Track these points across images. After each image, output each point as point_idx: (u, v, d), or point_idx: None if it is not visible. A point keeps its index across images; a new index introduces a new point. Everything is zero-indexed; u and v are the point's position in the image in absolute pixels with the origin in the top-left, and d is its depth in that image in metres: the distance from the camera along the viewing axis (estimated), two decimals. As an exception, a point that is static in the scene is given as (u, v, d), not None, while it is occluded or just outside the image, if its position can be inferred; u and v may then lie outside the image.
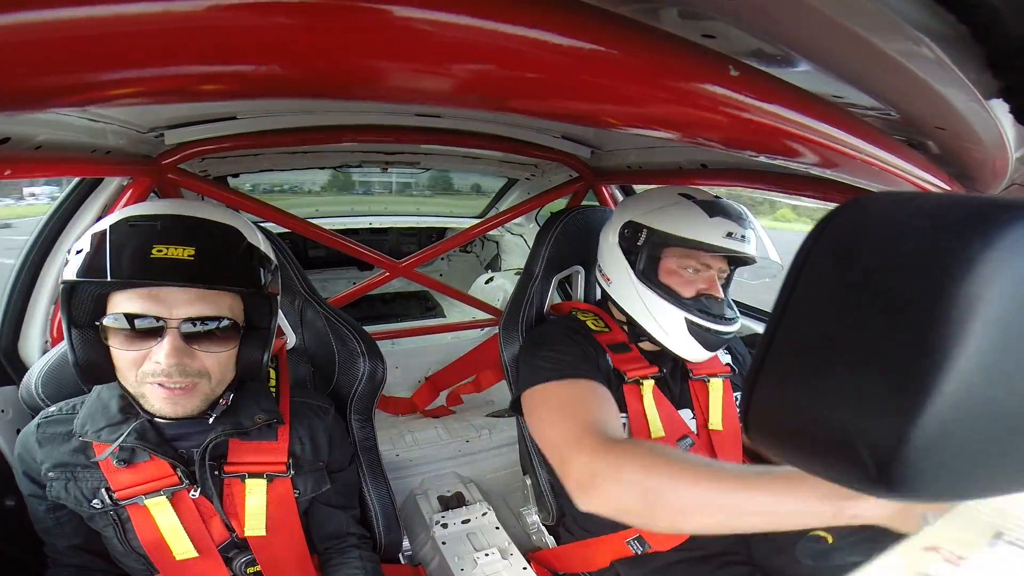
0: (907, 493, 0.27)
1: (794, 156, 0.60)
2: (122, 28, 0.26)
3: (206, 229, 0.82)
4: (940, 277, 0.26)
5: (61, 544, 0.97)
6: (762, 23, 0.42)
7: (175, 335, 0.81)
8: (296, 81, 0.32)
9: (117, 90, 0.29)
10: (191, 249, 0.77)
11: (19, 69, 0.26)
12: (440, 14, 0.30)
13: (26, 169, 0.95)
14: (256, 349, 0.91)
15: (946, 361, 0.25)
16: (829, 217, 0.33)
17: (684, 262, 1.17)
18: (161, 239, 0.77)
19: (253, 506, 0.97)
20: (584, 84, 0.39)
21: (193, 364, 0.83)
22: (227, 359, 0.88)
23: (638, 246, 1.19)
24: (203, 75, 0.30)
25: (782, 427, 0.34)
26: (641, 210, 1.20)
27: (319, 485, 1.05)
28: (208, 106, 1.32)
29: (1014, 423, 0.27)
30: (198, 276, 0.78)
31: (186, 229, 0.80)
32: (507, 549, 1.56)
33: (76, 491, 0.91)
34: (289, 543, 1.01)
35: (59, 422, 0.93)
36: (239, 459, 0.97)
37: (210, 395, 0.87)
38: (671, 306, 1.15)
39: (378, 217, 2.64)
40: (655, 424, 1.18)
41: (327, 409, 1.10)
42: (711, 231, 1.11)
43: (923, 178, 0.75)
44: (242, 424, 0.95)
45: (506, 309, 1.48)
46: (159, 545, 0.92)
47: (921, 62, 0.44)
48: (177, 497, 0.92)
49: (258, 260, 0.87)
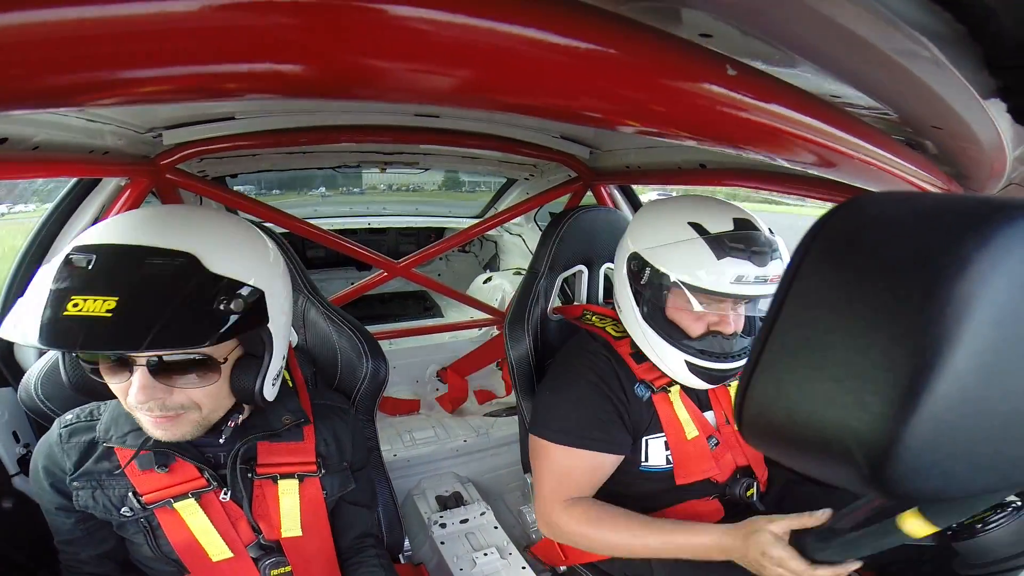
0: (900, 491, 0.27)
1: (792, 156, 0.60)
2: (120, 28, 0.26)
3: (147, 264, 0.68)
4: (935, 277, 0.26)
5: (86, 554, 0.95)
6: (759, 23, 0.43)
7: (142, 372, 0.74)
8: (295, 81, 0.32)
9: (115, 90, 0.29)
10: (112, 301, 0.64)
11: (18, 69, 0.26)
12: (438, 13, 0.30)
13: (23, 170, 0.95)
14: (248, 377, 0.82)
15: (940, 360, 0.25)
16: (826, 216, 0.33)
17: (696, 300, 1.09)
18: (82, 287, 0.66)
19: (288, 507, 0.96)
20: (582, 83, 0.39)
21: (172, 399, 0.77)
22: (215, 390, 0.81)
23: (642, 284, 1.15)
24: (202, 75, 0.30)
25: (776, 425, 0.34)
26: (647, 243, 1.14)
27: (345, 485, 1.05)
28: (206, 106, 1.32)
29: (1007, 422, 0.27)
30: (114, 340, 0.65)
31: (121, 266, 0.68)
32: (506, 548, 1.57)
33: (104, 499, 0.90)
34: (319, 543, 1.01)
35: (80, 430, 0.91)
36: (269, 460, 0.96)
37: (202, 422, 0.83)
38: (671, 348, 1.13)
39: (376, 217, 2.64)
40: (689, 427, 1.19)
41: (347, 410, 1.11)
42: (718, 276, 1.03)
43: (921, 177, 0.76)
44: (272, 426, 0.95)
45: (511, 307, 1.48)
46: (192, 548, 0.92)
47: (918, 61, 0.45)
48: (205, 500, 0.92)
49: (222, 294, 0.71)
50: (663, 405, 1.20)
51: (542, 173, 2.22)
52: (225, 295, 0.72)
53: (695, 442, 1.19)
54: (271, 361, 0.83)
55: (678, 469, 1.19)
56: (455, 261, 3.18)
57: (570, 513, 1.14)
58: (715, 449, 1.22)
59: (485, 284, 2.69)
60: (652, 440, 1.20)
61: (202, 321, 0.70)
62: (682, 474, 1.19)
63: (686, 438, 1.19)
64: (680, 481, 1.19)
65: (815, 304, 0.31)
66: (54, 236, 1.31)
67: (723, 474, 1.22)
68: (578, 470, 1.16)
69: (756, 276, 1.03)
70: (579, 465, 1.16)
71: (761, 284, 1.04)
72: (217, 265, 0.72)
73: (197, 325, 0.69)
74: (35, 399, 1.01)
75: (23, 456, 1.18)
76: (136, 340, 0.65)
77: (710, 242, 1.05)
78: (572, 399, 1.19)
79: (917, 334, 0.26)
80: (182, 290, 0.68)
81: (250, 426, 0.94)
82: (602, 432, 1.15)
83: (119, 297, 0.65)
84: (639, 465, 1.20)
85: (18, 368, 1.26)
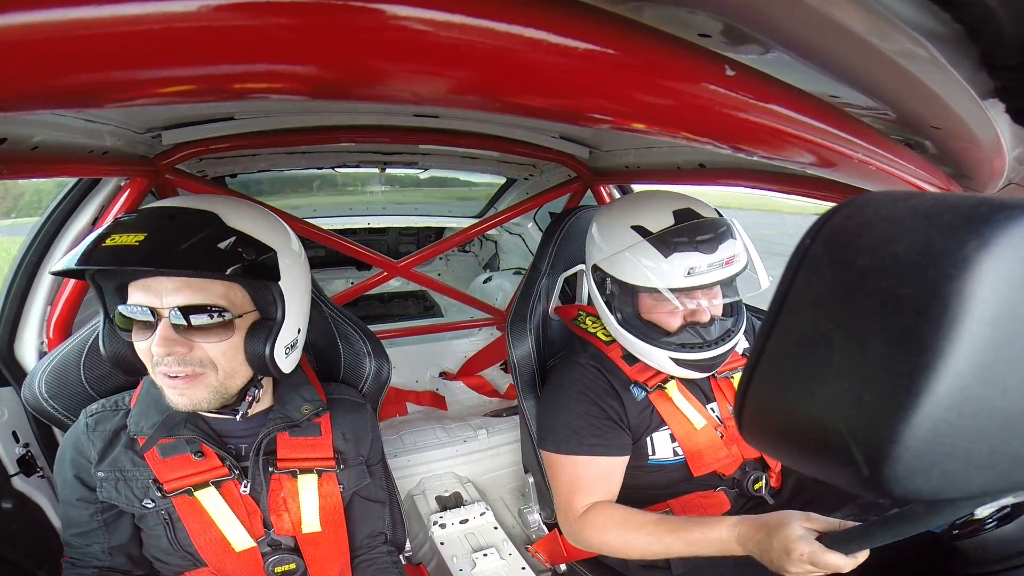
0: (899, 492, 0.27)
1: (791, 155, 0.60)
2: (121, 29, 0.26)
3: (175, 216, 0.82)
4: (935, 277, 0.26)
5: (99, 546, 0.95)
6: (758, 22, 0.43)
7: (165, 324, 0.80)
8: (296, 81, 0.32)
9: (116, 91, 0.30)
10: (141, 236, 0.76)
11: (18, 70, 0.26)
12: (437, 13, 0.30)
13: (23, 170, 0.94)
14: (259, 341, 0.87)
15: (939, 361, 0.25)
16: (826, 217, 0.33)
17: (661, 300, 1.10)
18: (121, 228, 0.78)
19: (308, 502, 0.97)
20: (581, 84, 0.39)
21: (192, 354, 0.82)
22: (230, 349, 0.85)
23: (608, 294, 1.18)
24: (202, 76, 0.30)
25: (776, 426, 0.34)
26: (602, 254, 1.16)
27: (360, 479, 1.06)
28: (206, 106, 1.31)
29: (1007, 422, 0.27)
30: (141, 260, 0.75)
31: (154, 217, 0.81)
32: (505, 549, 1.57)
33: (127, 491, 0.92)
34: (336, 540, 1.02)
35: (106, 419, 0.94)
36: (289, 455, 0.97)
37: (219, 388, 0.86)
38: (653, 348, 1.14)
39: (376, 217, 2.64)
40: (695, 418, 1.19)
41: (364, 405, 1.12)
42: (669, 273, 1.04)
43: (920, 177, 0.75)
44: (291, 417, 0.97)
45: (513, 306, 1.48)
46: (212, 537, 0.93)
47: (917, 62, 0.45)
48: (225, 489, 0.93)
49: (237, 243, 0.82)
50: (661, 402, 1.20)
51: (541, 173, 2.22)
52: (239, 241, 0.82)
53: (704, 432, 1.19)
54: (283, 322, 0.87)
55: (692, 461, 1.19)
56: (455, 261, 3.18)
57: (588, 522, 1.14)
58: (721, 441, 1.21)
59: (485, 284, 2.69)
60: (657, 435, 1.21)
61: (216, 255, 0.80)
62: (697, 465, 1.19)
63: (695, 429, 1.19)
64: (697, 473, 1.19)
65: (814, 304, 0.31)
66: (53, 236, 1.31)
67: (730, 467, 1.22)
68: (587, 476, 1.17)
69: (708, 264, 1.03)
70: (586, 472, 1.17)
71: (717, 269, 1.05)
72: (234, 222, 0.84)
73: (211, 257, 0.79)
74: (39, 399, 1.01)
75: (23, 456, 1.18)
76: (157, 259, 0.76)
77: (654, 242, 1.07)
78: (566, 412, 1.21)
79: (917, 334, 0.26)
80: (201, 231, 0.80)
81: (271, 417, 0.96)
82: (599, 438, 1.16)
83: (147, 234, 0.76)
84: (648, 459, 1.21)
85: (19, 368, 1.26)
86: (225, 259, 0.80)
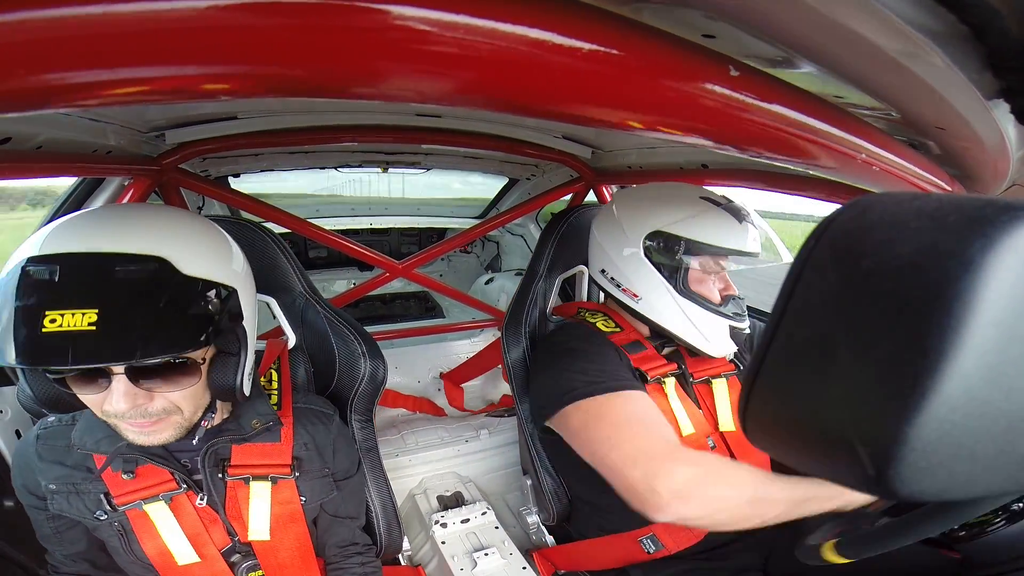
0: (904, 493, 0.27)
1: (794, 156, 0.60)
2: (122, 28, 0.26)
3: (119, 272, 0.65)
4: (939, 278, 0.26)
5: (59, 553, 0.96)
6: (762, 24, 0.42)
7: (122, 379, 0.71)
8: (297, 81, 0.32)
9: (117, 90, 0.30)
10: (92, 314, 0.62)
11: (19, 69, 0.26)
12: (440, 13, 0.30)
13: (26, 169, 0.95)
14: (228, 374, 0.81)
15: (944, 362, 0.25)
16: (830, 218, 0.33)
17: (709, 268, 1.16)
18: (55, 300, 0.62)
19: (257, 510, 0.94)
20: (584, 84, 0.39)
21: (154, 404, 0.75)
22: (195, 391, 0.80)
23: (676, 259, 1.16)
24: (203, 75, 0.30)
25: (781, 427, 0.34)
26: (667, 219, 1.15)
27: (326, 492, 1.03)
28: (209, 106, 1.32)
29: (1012, 423, 0.27)
30: (104, 353, 0.63)
31: (91, 276, 0.65)
32: (506, 549, 1.56)
33: (79, 503, 0.90)
34: (294, 550, 0.99)
35: (59, 434, 0.91)
36: (242, 461, 0.95)
37: (186, 424, 0.82)
38: (716, 316, 1.16)
39: (378, 217, 2.64)
40: (684, 422, 1.16)
41: (331, 416, 1.08)
42: (743, 237, 1.12)
43: (924, 178, 0.75)
44: (243, 430, 0.94)
45: (508, 309, 1.47)
46: (162, 551, 0.92)
47: (921, 62, 0.44)
48: (177, 502, 0.91)
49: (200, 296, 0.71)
50: (656, 397, 1.17)
51: (544, 173, 2.22)
52: (203, 297, 0.72)
53: (691, 440, 1.16)
54: (247, 357, 0.83)
55: None
56: (457, 262, 3.18)
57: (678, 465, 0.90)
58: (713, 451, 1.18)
59: (487, 285, 2.69)
60: None
61: (188, 325, 0.69)
62: None
63: (681, 435, 1.15)
64: None
65: (819, 304, 0.31)
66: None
67: None
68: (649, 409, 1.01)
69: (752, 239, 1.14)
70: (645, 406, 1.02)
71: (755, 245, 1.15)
72: (189, 267, 0.71)
73: (185, 330, 0.69)
74: (32, 401, 1.01)
75: None
76: (128, 351, 0.64)
77: (728, 210, 1.14)
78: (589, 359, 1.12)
79: (922, 335, 0.26)
80: (161, 296, 0.67)
81: (222, 430, 0.93)
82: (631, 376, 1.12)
83: (98, 309, 0.62)
84: None
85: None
86: (199, 325, 0.70)
